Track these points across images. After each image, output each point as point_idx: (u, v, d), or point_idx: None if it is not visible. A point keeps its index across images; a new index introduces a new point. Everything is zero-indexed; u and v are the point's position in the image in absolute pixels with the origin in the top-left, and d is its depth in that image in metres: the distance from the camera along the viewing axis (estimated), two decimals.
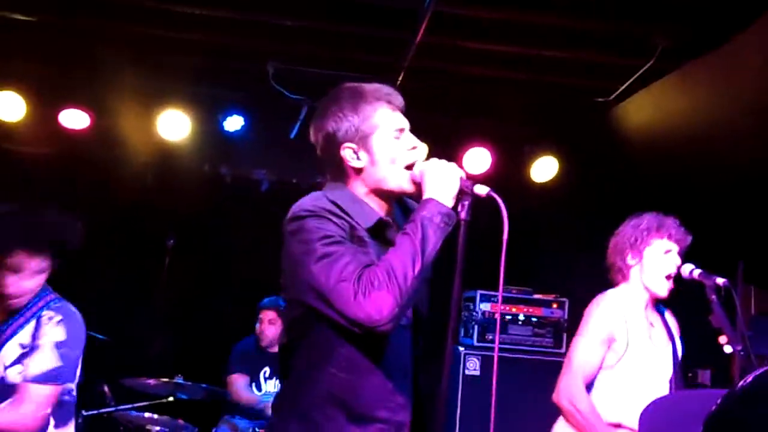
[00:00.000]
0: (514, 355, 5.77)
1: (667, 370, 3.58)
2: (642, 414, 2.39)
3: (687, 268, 3.52)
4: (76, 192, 6.36)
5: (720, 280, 3.35)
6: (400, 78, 5.47)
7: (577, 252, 6.63)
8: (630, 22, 4.66)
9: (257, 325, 5.59)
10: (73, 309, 3.47)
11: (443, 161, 2.40)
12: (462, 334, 6.04)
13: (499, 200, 2.28)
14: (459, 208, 2.32)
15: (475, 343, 5.82)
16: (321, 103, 2.52)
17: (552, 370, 5.84)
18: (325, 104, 2.49)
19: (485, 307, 5.90)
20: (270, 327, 5.51)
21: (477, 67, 5.44)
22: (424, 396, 2.46)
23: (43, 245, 3.43)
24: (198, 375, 5.36)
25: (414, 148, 2.44)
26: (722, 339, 3.23)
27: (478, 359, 5.75)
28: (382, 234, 2.39)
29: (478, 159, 6.10)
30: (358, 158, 2.44)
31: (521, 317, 5.90)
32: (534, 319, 5.90)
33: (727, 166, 5.12)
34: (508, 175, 6.25)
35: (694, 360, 5.37)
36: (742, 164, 5.04)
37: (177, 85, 5.89)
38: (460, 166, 2.37)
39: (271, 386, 5.46)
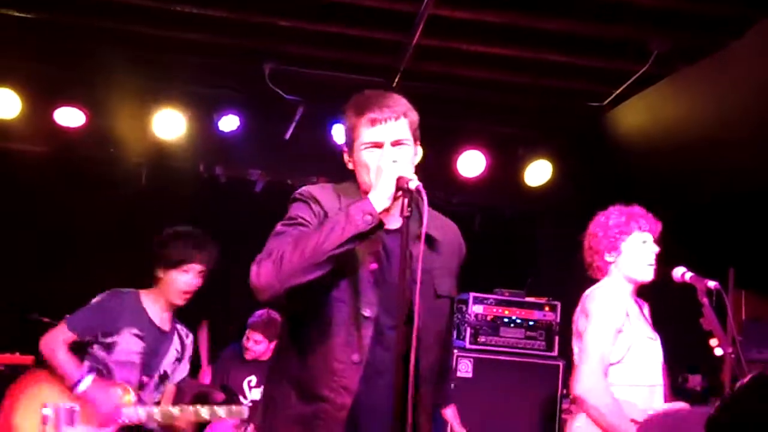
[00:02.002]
0: (506, 358, 5.79)
1: (658, 362, 3.59)
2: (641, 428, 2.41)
3: (678, 271, 3.55)
4: (70, 190, 6.36)
5: (711, 284, 3.38)
6: (396, 80, 5.48)
7: (571, 255, 6.64)
8: (625, 28, 4.68)
9: (244, 339, 5.56)
10: None
11: (387, 160, 2.47)
12: (454, 336, 6.04)
13: (424, 195, 2.32)
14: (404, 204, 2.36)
15: (467, 346, 5.83)
16: None
17: (544, 372, 5.90)
18: None
19: (478, 309, 5.91)
20: (256, 346, 5.48)
21: (472, 70, 5.46)
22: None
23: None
24: (191, 374, 5.36)
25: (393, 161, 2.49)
26: (713, 342, 3.26)
27: (470, 361, 5.76)
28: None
29: (473, 162, 6.11)
30: (349, 161, 2.65)
31: (514, 320, 5.91)
32: (526, 322, 5.91)
33: (720, 171, 5.15)
34: (502, 178, 6.28)
35: (685, 364, 5.41)
36: (734, 170, 5.08)
37: (172, 84, 5.89)
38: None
39: (257, 394, 5.37)
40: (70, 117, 5.82)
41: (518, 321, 5.89)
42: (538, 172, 6.23)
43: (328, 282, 2.44)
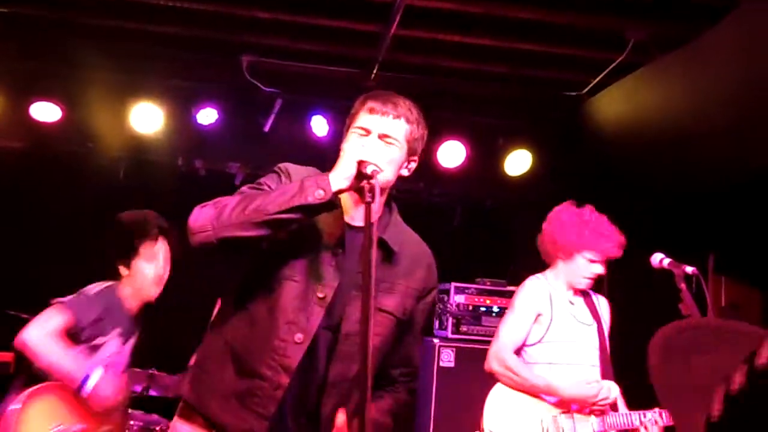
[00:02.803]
0: (487, 347, 5.79)
1: (591, 346, 3.95)
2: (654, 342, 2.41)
3: (657, 258, 3.58)
4: (47, 185, 6.30)
5: (689, 269, 3.41)
6: (375, 71, 5.47)
7: None
8: (602, 16, 4.69)
9: None
10: None
11: (357, 143, 2.46)
12: (436, 326, 6.06)
13: (377, 185, 2.25)
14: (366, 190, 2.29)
15: (450, 335, 5.84)
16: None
17: None
18: None
19: (459, 299, 5.93)
20: None
21: (451, 60, 5.46)
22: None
23: None
24: (174, 368, 5.33)
25: (362, 145, 2.46)
26: None
27: (452, 351, 5.77)
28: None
29: (453, 152, 6.11)
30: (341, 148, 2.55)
31: (495, 309, 5.93)
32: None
33: (699, 159, 5.18)
34: (482, 168, 6.28)
35: None
36: (713, 157, 5.10)
37: (150, 78, 5.84)
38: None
39: None
40: (46, 112, 5.77)
41: (500, 310, 5.91)
42: (518, 162, 6.24)
43: (283, 257, 2.46)
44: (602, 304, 4.17)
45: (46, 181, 6.31)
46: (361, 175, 2.33)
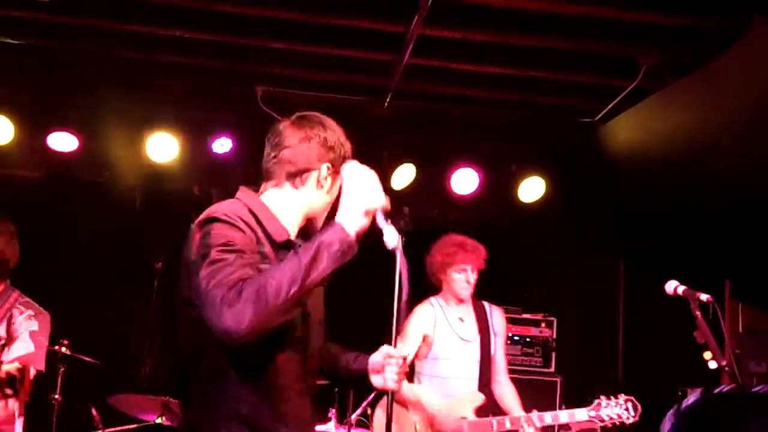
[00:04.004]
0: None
1: (471, 360, 4.57)
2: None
3: (671, 285, 3.54)
4: (65, 214, 6.36)
5: (704, 296, 3.38)
6: (388, 99, 5.50)
7: (565, 271, 6.64)
8: (614, 43, 4.71)
9: None
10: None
11: (364, 170, 2.39)
12: None
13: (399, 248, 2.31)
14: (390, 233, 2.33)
15: None
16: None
17: (541, 388, 5.88)
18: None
19: None
20: None
21: (463, 88, 5.49)
22: None
23: None
24: None
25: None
26: (707, 355, 3.26)
27: None
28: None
29: (466, 179, 6.12)
30: (328, 175, 2.55)
31: (511, 336, 5.90)
32: (523, 339, 5.91)
33: (714, 184, 5.16)
34: (495, 195, 6.28)
35: (683, 379, 5.40)
36: (728, 182, 5.09)
37: (165, 108, 5.90)
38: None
39: None
40: (63, 141, 5.84)
41: (515, 338, 5.89)
42: (531, 189, 6.23)
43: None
44: (495, 315, 4.76)
45: (63, 209, 6.37)
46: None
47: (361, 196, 2.32)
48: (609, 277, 6.73)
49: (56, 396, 4.91)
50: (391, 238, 2.31)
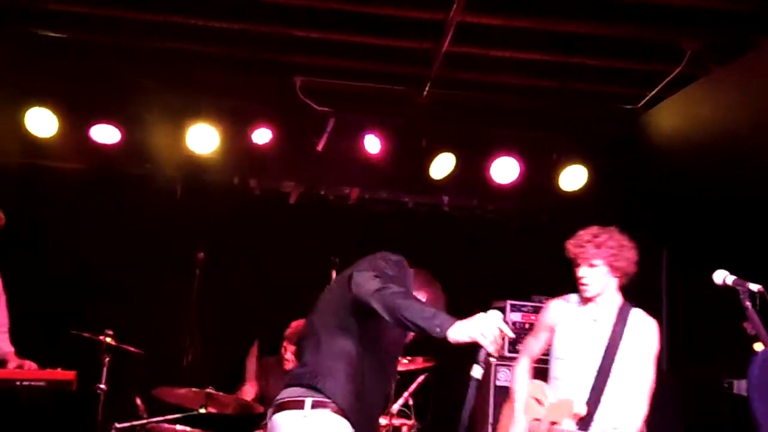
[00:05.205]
0: (541, 366, 5.72)
1: (592, 361, 3.89)
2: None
3: (719, 275, 3.46)
4: (107, 205, 6.44)
5: (754, 287, 3.30)
6: (427, 88, 5.47)
7: None
8: (658, 28, 4.63)
9: (282, 350, 5.54)
10: None
11: (494, 321, 2.69)
12: None
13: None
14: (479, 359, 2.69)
15: (506, 354, 5.78)
16: None
17: None
18: None
19: (515, 317, 5.87)
20: (294, 357, 5.40)
21: (504, 75, 5.44)
22: None
23: None
24: (229, 387, 5.38)
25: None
26: (758, 346, 3.19)
27: (509, 370, 5.71)
28: None
29: (507, 168, 6.07)
30: None
31: None
32: None
33: (758, 171, 5.05)
34: (536, 184, 6.22)
35: (731, 370, 5.31)
36: None
37: (205, 99, 5.94)
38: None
39: None
40: (105, 134, 5.91)
41: None
42: (572, 177, 6.16)
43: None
44: (637, 325, 3.94)
45: (105, 200, 6.45)
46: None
47: (479, 328, 2.66)
48: (652, 266, 6.64)
49: (101, 386, 4.99)
50: (477, 372, 2.70)
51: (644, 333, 3.92)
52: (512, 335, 2.76)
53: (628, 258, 3.99)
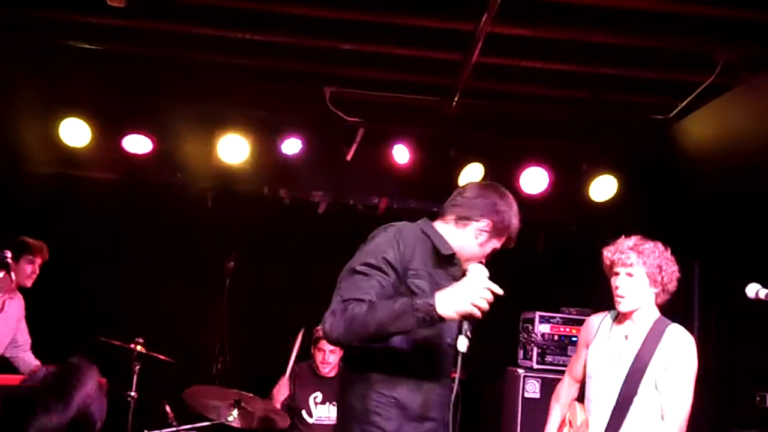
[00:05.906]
0: None
1: (617, 380, 3.62)
2: None
3: (753, 289, 3.42)
4: (139, 214, 6.51)
5: None
6: (456, 99, 5.47)
7: None
8: (690, 38, 4.59)
9: (314, 352, 5.45)
10: None
11: (485, 282, 2.67)
12: (521, 356, 5.97)
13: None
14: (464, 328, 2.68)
15: (535, 366, 5.75)
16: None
17: None
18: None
19: (544, 328, 5.84)
20: (331, 355, 5.32)
21: (533, 86, 5.42)
22: None
23: None
24: (259, 394, 5.40)
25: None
26: None
27: (537, 382, 5.68)
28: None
29: (536, 178, 6.05)
30: (483, 230, 3.07)
31: None
32: None
33: None
34: (566, 194, 6.19)
35: (761, 382, 5.24)
36: None
37: (236, 110, 5.99)
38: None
39: (324, 411, 5.32)
40: (137, 144, 5.99)
41: None
42: (603, 188, 6.12)
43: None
44: (670, 342, 3.58)
45: (137, 210, 6.53)
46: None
47: (466, 299, 2.62)
48: (683, 278, 6.55)
49: (132, 393, 5.03)
50: (462, 344, 2.68)
51: (680, 351, 3.55)
52: (500, 291, 2.65)
53: (671, 273, 3.71)
